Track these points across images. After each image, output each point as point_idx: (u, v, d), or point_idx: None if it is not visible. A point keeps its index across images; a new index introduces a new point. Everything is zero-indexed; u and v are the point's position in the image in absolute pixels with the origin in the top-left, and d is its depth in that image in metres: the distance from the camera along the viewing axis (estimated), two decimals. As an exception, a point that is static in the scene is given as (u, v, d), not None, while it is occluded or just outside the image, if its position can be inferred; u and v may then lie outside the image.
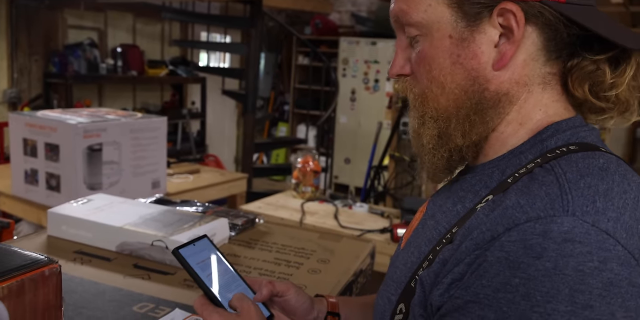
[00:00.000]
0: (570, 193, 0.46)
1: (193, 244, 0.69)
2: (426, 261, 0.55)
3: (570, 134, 0.55)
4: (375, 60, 5.10)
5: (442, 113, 0.58)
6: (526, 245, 0.44)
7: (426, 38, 0.57)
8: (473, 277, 0.47)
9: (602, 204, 0.46)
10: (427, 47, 0.57)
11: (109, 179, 2.02)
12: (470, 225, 0.51)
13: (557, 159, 0.51)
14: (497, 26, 0.54)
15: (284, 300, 0.70)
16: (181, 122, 4.65)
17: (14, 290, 0.49)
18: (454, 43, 0.55)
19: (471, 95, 0.56)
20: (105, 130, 1.97)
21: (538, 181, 0.49)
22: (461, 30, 0.55)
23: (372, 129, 5.16)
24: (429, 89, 0.58)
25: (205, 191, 2.56)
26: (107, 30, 4.24)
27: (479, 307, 0.46)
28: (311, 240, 1.11)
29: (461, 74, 0.56)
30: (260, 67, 3.76)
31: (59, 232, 1.02)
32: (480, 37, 0.54)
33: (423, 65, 0.57)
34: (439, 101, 0.57)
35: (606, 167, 0.50)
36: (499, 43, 0.54)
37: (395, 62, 0.61)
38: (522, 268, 0.44)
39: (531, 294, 0.43)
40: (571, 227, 0.44)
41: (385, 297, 0.60)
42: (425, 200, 2.01)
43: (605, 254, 0.43)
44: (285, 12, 5.59)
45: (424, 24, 0.56)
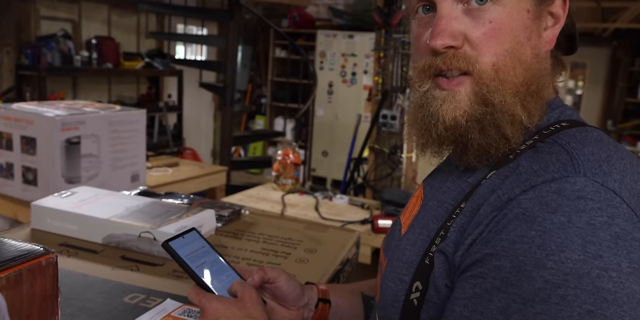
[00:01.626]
0: (579, 158, 0.50)
1: (182, 236, 0.70)
2: (438, 237, 0.57)
3: (559, 112, 0.60)
4: (352, 54, 5.12)
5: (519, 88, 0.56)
6: (542, 201, 0.48)
7: (502, 8, 0.55)
8: (492, 233, 0.50)
9: (607, 168, 0.50)
10: (505, 18, 0.55)
11: (87, 173, 1.99)
12: (480, 194, 0.54)
13: (554, 134, 0.55)
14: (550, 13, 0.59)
15: (275, 287, 0.71)
16: (158, 115, 4.60)
17: (12, 280, 0.49)
18: (530, 18, 0.57)
19: (537, 72, 0.58)
20: (84, 123, 1.94)
21: (546, 151, 0.53)
22: (536, 7, 0.57)
23: (350, 121, 5.19)
24: (503, 62, 0.56)
25: (185, 184, 2.55)
26: (81, 22, 4.15)
27: (496, 258, 0.49)
28: (297, 231, 1.12)
29: (530, 51, 0.57)
30: (238, 60, 3.74)
31: (44, 225, 1.01)
32: (544, 19, 0.58)
33: (496, 36, 0.55)
34: (516, 75, 0.56)
35: (600, 139, 0.54)
36: (548, 25, 0.59)
37: (445, 31, 0.55)
38: (538, 222, 0.47)
39: (546, 244, 0.46)
40: (583, 186, 0.48)
41: (397, 278, 0.61)
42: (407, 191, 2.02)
43: (613, 211, 0.47)
44: (262, 4, 5.55)
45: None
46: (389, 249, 0.68)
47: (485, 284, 0.49)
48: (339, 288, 0.80)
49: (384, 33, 2.27)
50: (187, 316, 0.72)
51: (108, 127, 2.03)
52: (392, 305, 0.60)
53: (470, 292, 0.50)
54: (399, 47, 2.25)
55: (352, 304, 0.78)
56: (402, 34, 2.24)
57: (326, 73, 5.20)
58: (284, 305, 0.73)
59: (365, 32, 4.93)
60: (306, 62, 4.50)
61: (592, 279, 0.45)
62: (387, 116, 2.31)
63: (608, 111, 5.52)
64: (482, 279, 0.49)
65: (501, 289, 0.48)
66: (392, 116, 2.31)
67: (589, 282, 0.45)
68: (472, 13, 0.56)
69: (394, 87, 2.31)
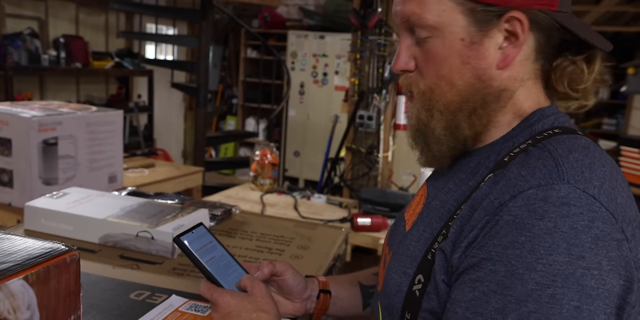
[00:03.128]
0: (563, 165, 0.55)
1: (192, 231, 0.72)
2: (440, 235, 0.61)
3: (553, 119, 0.64)
4: (323, 54, 5.16)
5: (450, 107, 0.64)
6: (530, 209, 0.53)
7: (437, 39, 0.62)
8: (486, 238, 0.55)
9: (588, 174, 0.55)
10: (439, 48, 0.62)
11: (65, 174, 1.97)
12: (476, 197, 0.59)
13: (546, 139, 0.60)
14: (503, 31, 0.61)
15: (282, 280, 0.74)
16: (128, 115, 4.54)
17: (42, 276, 0.51)
18: (465, 45, 0.61)
19: (477, 91, 0.63)
20: (61, 124, 1.92)
21: (534, 156, 0.57)
22: (473, 34, 0.61)
23: (321, 122, 5.23)
24: (437, 85, 0.64)
25: (162, 185, 2.54)
26: (48, 20, 4.06)
27: (491, 263, 0.54)
28: (288, 229, 1.16)
29: (469, 73, 0.62)
30: (209, 61, 3.73)
31: (38, 226, 1.01)
32: (489, 40, 0.61)
33: (432, 64, 0.63)
34: (447, 96, 0.64)
35: (587, 146, 0.59)
36: (502, 45, 0.61)
37: (399, 58, 0.66)
38: (527, 228, 0.52)
39: (535, 249, 0.51)
40: (567, 193, 0.53)
41: (400, 271, 0.65)
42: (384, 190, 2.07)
43: (593, 214, 0.52)
44: (232, 4, 5.54)
45: (437, 26, 0.62)
46: (394, 243, 0.73)
47: (482, 287, 0.54)
48: (337, 279, 0.84)
49: (360, 35, 2.32)
50: (194, 311, 0.74)
51: (85, 128, 2.01)
52: (396, 295, 0.65)
53: (470, 295, 0.55)
54: (374, 48, 2.30)
55: (350, 294, 0.82)
56: (378, 36, 2.29)
57: (297, 73, 5.23)
58: (289, 298, 0.76)
59: (336, 32, 4.97)
60: (279, 63, 4.52)
61: (577, 278, 0.50)
62: (364, 117, 2.36)
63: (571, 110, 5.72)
64: (480, 283, 0.54)
65: (497, 291, 0.53)
66: (368, 117, 2.36)
67: (574, 281, 0.50)
68: (419, 42, 0.64)
69: (370, 88, 2.36)
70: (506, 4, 0.59)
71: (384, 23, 2.29)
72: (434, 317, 0.61)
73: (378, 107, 2.35)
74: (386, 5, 2.30)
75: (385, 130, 2.41)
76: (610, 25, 4.51)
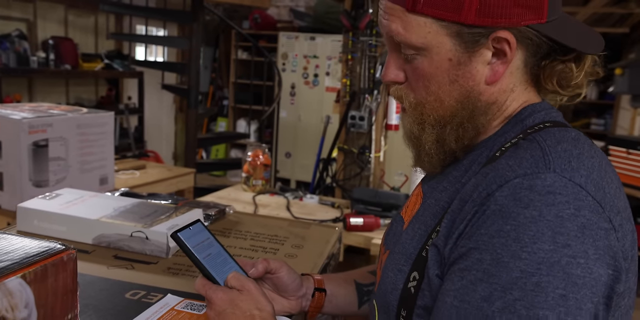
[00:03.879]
0: (551, 155, 0.56)
1: (189, 227, 0.72)
2: (434, 232, 0.62)
3: (544, 114, 0.65)
4: (314, 55, 5.17)
5: (440, 121, 0.65)
6: (516, 197, 0.53)
7: (425, 58, 0.62)
8: (474, 228, 0.55)
9: (576, 164, 0.55)
10: (426, 66, 0.63)
11: (55, 176, 1.96)
12: (466, 190, 0.60)
13: (536, 132, 0.60)
14: (491, 48, 0.61)
15: (277, 277, 0.75)
16: (118, 117, 4.52)
17: (39, 275, 0.51)
18: (453, 65, 0.62)
19: (465, 106, 0.63)
20: (51, 126, 1.91)
21: (523, 148, 0.58)
22: (460, 55, 0.61)
23: (313, 123, 5.24)
24: (426, 101, 0.65)
25: (153, 187, 2.53)
26: (36, 22, 4.03)
27: (477, 252, 0.54)
28: (282, 228, 1.16)
29: (458, 90, 0.63)
30: (199, 62, 3.73)
31: (30, 227, 1.01)
32: (476, 59, 0.61)
33: (422, 80, 0.64)
34: (438, 111, 0.65)
35: (577, 138, 0.60)
36: (491, 61, 0.62)
37: (389, 70, 0.67)
38: (513, 217, 0.53)
39: (520, 237, 0.52)
40: (552, 181, 0.53)
41: (396, 268, 0.66)
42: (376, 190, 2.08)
43: (579, 203, 0.52)
44: (222, 6, 5.53)
45: (423, 47, 0.62)
46: (390, 243, 0.73)
47: (470, 275, 0.54)
48: (333, 277, 0.84)
49: (351, 36, 2.33)
50: (190, 309, 0.74)
51: (76, 129, 2.01)
52: (392, 293, 0.65)
53: (458, 284, 0.55)
54: (366, 49, 2.31)
55: (346, 292, 0.82)
56: (369, 36, 2.30)
57: (288, 75, 5.23)
58: (284, 295, 0.77)
59: (326, 34, 4.98)
60: (270, 64, 4.52)
61: (562, 266, 0.51)
62: (356, 117, 2.37)
63: (560, 110, 5.77)
64: (467, 271, 0.55)
65: (483, 279, 0.53)
66: (360, 117, 2.37)
67: (560, 269, 0.51)
68: (407, 59, 0.65)
69: (362, 89, 2.37)
70: (492, 25, 0.59)
71: (375, 24, 2.30)
72: (429, 314, 0.61)
73: (370, 108, 2.36)
74: (377, 6, 2.31)
75: (377, 131, 2.42)
76: (598, 27, 4.56)
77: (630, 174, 3.18)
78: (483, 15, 0.58)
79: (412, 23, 0.61)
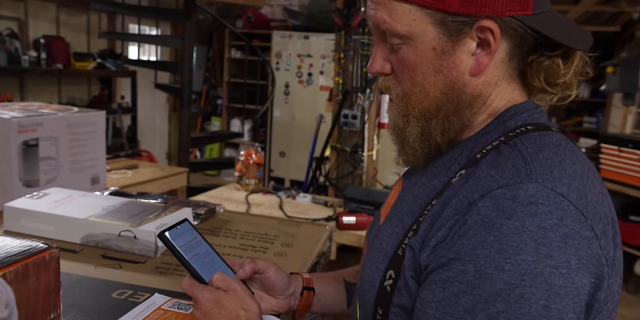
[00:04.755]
0: (532, 164, 0.55)
1: (176, 227, 0.71)
2: (411, 231, 0.61)
3: (527, 116, 0.64)
4: (308, 54, 5.16)
5: (425, 113, 0.64)
6: (499, 208, 0.53)
7: (409, 47, 0.62)
8: (455, 238, 0.54)
9: (558, 172, 0.55)
10: (411, 56, 0.62)
11: (46, 176, 1.95)
12: (448, 195, 0.59)
13: (518, 137, 0.60)
14: (475, 38, 0.60)
15: (265, 277, 0.74)
16: (111, 117, 4.50)
17: (20, 274, 0.50)
18: (437, 54, 0.61)
19: (450, 98, 0.63)
20: (42, 125, 1.90)
21: (505, 155, 0.57)
22: (444, 43, 0.61)
23: (307, 122, 5.23)
24: (412, 92, 0.64)
25: (146, 186, 2.52)
26: (27, 21, 4.01)
27: (460, 263, 0.54)
28: (272, 227, 1.15)
29: (442, 81, 0.62)
30: (193, 61, 3.71)
31: (17, 227, 1.00)
32: (461, 48, 0.61)
33: (407, 71, 0.63)
34: (422, 103, 0.64)
35: (558, 143, 0.59)
36: (475, 52, 0.61)
37: (375, 61, 0.66)
38: (496, 227, 0.52)
39: (504, 248, 0.51)
40: (535, 192, 0.53)
41: (374, 266, 0.66)
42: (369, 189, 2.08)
43: (561, 213, 0.52)
44: (215, 4, 5.52)
45: (407, 35, 0.61)
46: (370, 239, 0.73)
47: (452, 287, 0.54)
48: (321, 276, 0.84)
49: (343, 34, 2.33)
50: (177, 309, 0.74)
51: (67, 129, 1.99)
52: (369, 290, 0.65)
53: (440, 295, 0.55)
54: (358, 48, 2.31)
55: (335, 291, 0.82)
56: (361, 35, 2.30)
57: (282, 74, 5.22)
58: (272, 294, 0.76)
59: (320, 33, 4.98)
60: (263, 63, 4.51)
61: (545, 277, 0.50)
62: (348, 116, 2.37)
63: (552, 109, 5.79)
64: (450, 283, 0.54)
65: (467, 291, 0.53)
66: (353, 116, 2.37)
67: (543, 280, 0.50)
68: (392, 49, 0.64)
69: (354, 87, 2.37)
70: (476, 14, 0.58)
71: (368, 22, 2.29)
72: (405, 313, 0.61)
73: (362, 106, 2.36)
74: (369, 4, 2.30)
75: (370, 129, 2.42)
76: (589, 25, 4.58)
77: (622, 171, 3.20)
78: (467, 3, 0.58)
79: (397, 10, 0.61)
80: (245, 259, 0.74)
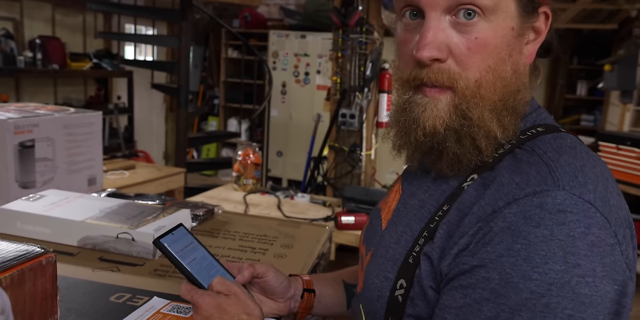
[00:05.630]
0: (557, 170, 0.54)
1: (171, 233, 0.70)
2: (422, 238, 0.59)
3: (535, 116, 0.63)
4: (305, 54, 5.15)
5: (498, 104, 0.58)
6: (526, 215, 0.51)
7: (489, 25, 0.55)
8: (479, 245, 0.53)
9: (582, 178, 0.53)
10: (490, 34, 0.55)
11: (42, 177, 1.93)
12: (464, 201, 0.57)
13: (531, 140, 0.58)
14: (532, 27, 0.59)
15: (264, 281, 0.73)
16: (108, 117, 4.48)
17: (16, 279, 0.49)
18: (514, 35, 0.57)
19: (514, 88, 0.59)
20: (38, 126, 1.88)
21: (524, 161, 0.56)
22: (520, 24, 0.58)
23: (304, 121, 5.22)
24: (485, 78, 0.57)
25: (143, 187, 2.51)
26: (23, 21, 3.98)
27: (484, 270, 0.52)
28: (271, 228, 1.14)
29: (511, 67, 0.58)
30: (189, 61, 3.70)
31: (13, 230, 0.98)
32: (526, 35, 0.59)
33: (479, 52, 0.56)
34: (495, 91, 0.57)
35: (574, 146, 0.58)
36: (529, 40, 0.60)
37: (431, 44, 0.55)
38: (523, 235, 0.51)
39: (531, 257, 0.50)
40: (563, 200, 0.51)
41: (381, 275, 0.63)
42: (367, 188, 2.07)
43: (589, 221, 0.51)
44: (212, 4, 5.50)
45: (492, 9, 0.55)
46: (371, 242, 0.71)
47: (474, 294, 0.52)
48: (321, 278, 0.83)
49: (341, 33, 2.32)
50: (176, 312, 0.73)
51: (63, 129, 1.98)
52: (378, 300, 0.63)
53: (460, 301, 0.53)
54: (356, 47, 2.30)
55: (335, 292, 0.81)
56: (359, 34, 2.29)
57: (279, 73, 5.21)
58: (272, 297, 0.75)
59: (317, 32, 4.96)
60: (260, 63, 4.49)
61: (572, 287, 0.49)
62: (347, 115, 2.36)
63: (549, 107, 5.80)
64: (472, 290, 0.53)
65: (490, 299, 0.51)
66: (351, 115, 2.36)
67: (569, 290, 0.49)
68: (459, 27, 0.56)
69: (352, 87, 2.36)
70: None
71: (365, 21, 2.29)
72: None
73: (360, 106, 2.35)
74: (367, 3, 2.30)
75: (368, 129, 2.41)
76: (587, 23, 4.58)
77: (620, 169, 3.20)
78: None
79: None
80: (243, 263, 0.73)
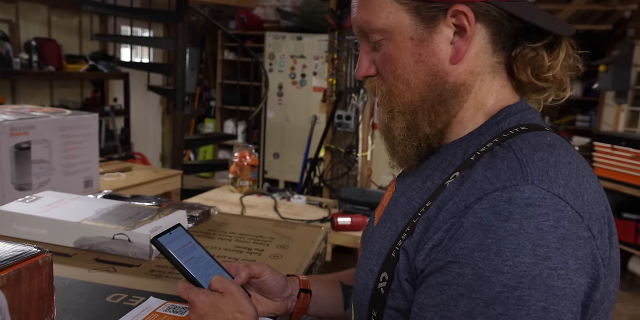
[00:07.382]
0: (528, 165, 0.55)
1: (169, 232, 0.71)
2: (404, 233, 0.61)
3: (520, 116, 0.63)
4: (301, 55, 5.16)
5: (409, 107, 0.65)
6: (495, 210, 0.52)
7: (389, 41, 0.63)
8: (452, 241, 0.54)
9: (553, 173, 0.54)
10: (391, 50, 0.63)
11: (38, 179, 1.93)
12: (443, 198, 0.58)
13: (511, 138, 0.59)
14: (451, 25, 0.61)
15: (261, 281, 0.74)
16: (104, 119, 4.48)
17: (12, 279, 0.50)
18: (415, 44, 0.62)
19: (434, 88, 0.63)
20: (34, 128, 1.88)
21: (499, 157, 0.57)
22: (420, 32, 0.61)
23: (301, 123, 5.23)
24: (394, 86, 0.64)
25: (139, 189, 2.51)
26: (19, 23, 3.98)
27: (458, 266, 0.53)
28: (267, 228, 1.15)
29: (423, 71, 0.62)
30: (185, 63, 3.70)
31: (9, 231, 0.99)
32: (438, 36, 0.61)
33: (388, 65, 0.64)
34: (405, 96, 0.64)
35: (553, 143, 0.59)
36: (453, 40, 0.61)
37: (361, 65, 0.68)
38: (493, 230, 0.52)
39: (502, 251, 0.51)
40: (531, 193, 0.52)
41: (367, 268, 0.65)
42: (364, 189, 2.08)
43: (558, 214, 0.52)
44: (208, 6, 5.50)
45: (386, 29, 0.62)
46: (364, 240, 0.72)
47: (450, 290, 0.53)
48: (319, 278, 0.83)
49: (337, 35, 2.33)
50: (172, 312, 0.73)
51: (59, 131, 1.98)
52: (363, 293, 0.65)
53: (437, 299, 0.54)
54: (352, 48, 2.31)
55: (332, 293, 0.82)
56: (355, 35, 2.30)
57: (275, 75, 5.22)
58: (269, 297, 0.76)
59: (313, 33, 4.97)
60: (256, 64, 4.50)
61: (543, 279, 0.50)
62: (342, 116, 2.37)
63: (545, 108, 5.81)
64: (448, 286, 0.54)
65: (465, 294, 0.52)
66: (347, 116, 2.36)
67: (541, 282, 0.50)
68: (375, 48, 0.66)
69: (348, 88, 2.37)
70: (449, 0, 0.59)
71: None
72: (400, 315, 0.61)
73: (356, 107, 2.36)
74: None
75: (364, 130, 2.42)
76: (581, 24, 4.60)
77: (615, 169, 3.22)
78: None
79: (374, 6, 0.62)
80: (240, 264, 0.73)
